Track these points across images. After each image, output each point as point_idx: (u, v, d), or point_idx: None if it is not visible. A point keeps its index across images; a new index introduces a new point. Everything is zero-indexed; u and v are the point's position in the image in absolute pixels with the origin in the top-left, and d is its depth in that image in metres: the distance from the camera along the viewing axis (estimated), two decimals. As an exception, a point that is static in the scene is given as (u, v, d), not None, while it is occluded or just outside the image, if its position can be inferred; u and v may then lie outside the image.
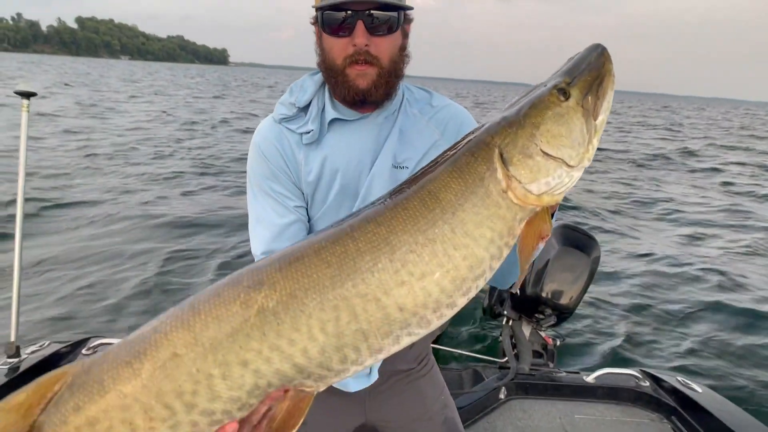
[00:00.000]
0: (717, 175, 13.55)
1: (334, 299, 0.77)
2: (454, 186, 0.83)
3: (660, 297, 5.11)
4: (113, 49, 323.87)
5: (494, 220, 0.83)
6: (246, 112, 22.34)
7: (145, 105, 22.79)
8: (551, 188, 0.84)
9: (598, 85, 0.88)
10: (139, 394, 0.72)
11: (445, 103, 1.33)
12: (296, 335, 0.76)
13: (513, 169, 0.83)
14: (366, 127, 1.24)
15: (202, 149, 12.26)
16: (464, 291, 0.82)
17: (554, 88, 0.87)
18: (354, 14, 1.11)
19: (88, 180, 8.53)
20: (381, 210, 0.84)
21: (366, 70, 1.15)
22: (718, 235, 7.53)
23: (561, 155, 0.84)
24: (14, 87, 2.19)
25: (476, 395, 2.28)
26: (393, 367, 1.36)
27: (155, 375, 0.73)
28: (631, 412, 2.30)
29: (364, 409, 1.36)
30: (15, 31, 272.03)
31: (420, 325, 0.81)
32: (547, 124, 0.85)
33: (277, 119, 1.24)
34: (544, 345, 2.66)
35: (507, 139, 0.85)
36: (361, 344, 0.79)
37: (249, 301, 0.76)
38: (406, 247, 0.79)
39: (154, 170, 9.62)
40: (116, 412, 0.72)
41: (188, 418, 0.74)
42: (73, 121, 14.47)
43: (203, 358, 0.73)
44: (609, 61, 0.91)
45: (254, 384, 0.75)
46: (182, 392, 0.73)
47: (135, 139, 12.70)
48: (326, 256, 0.79)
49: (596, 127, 0.88)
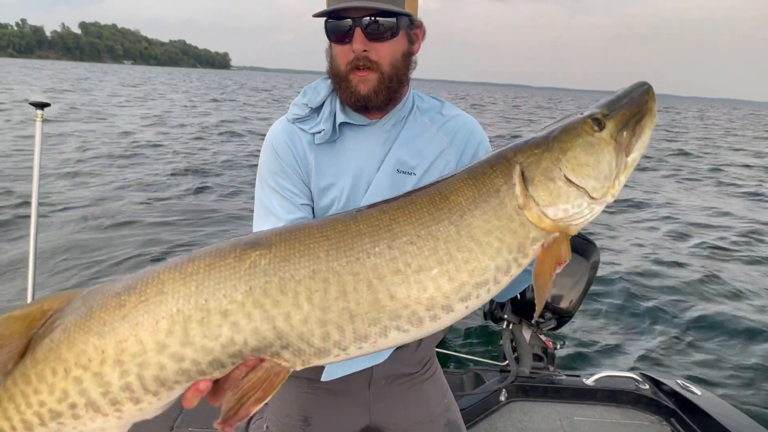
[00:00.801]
0: (716, 176, 13.53)
1: (326, 271, 0.77)
2: (466, 191, 0.83)
3: (659, 301, 5.11)
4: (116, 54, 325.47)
5: (504, 232, 0.81)
6: (242, 116, 22.23)
7: (137, 110, 22.71)
8: (569, 216, 0.83)
9: (636, 122, 0.86)
10: (117, 324, 0.73)
11: (456, 112, 1.35)
12: (282, 297, 0.75)
13: (532, 189, 0.82)
14: (374, 133, 1.26)
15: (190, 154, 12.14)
16: (462, 296, 0.81)
17: (590, 116, 0.86)
18: (352, 21, 1.14)
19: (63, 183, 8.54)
20: (389, 201, 0.86)
21: (367, 76, 1.17)
22: (722, 238, 7.52)
23: (584, 185, 0.83)
24: (12, 92, 2.27)
25: (477, 397, 2.30)
26: (397, 371, 1.38)
27: (137, 308, 0.73)
28: (631, 414, 2.31)
29: (368, 410, 1.38)
30: (19, 37, 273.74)
31: (410, 320, 0.80)
32: (576, 151, 0.84)
33: (291, 119, 1.27)
34: (544, 348, 2.67)
35: (531, 159, 0.84)
36: (347, 325, 0.77)
37: (243, 255, 0.77)
38: (406, 237, 0.79)
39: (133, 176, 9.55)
40: (94, 338, 0.73)
41: (157, 358, 0.73)
42: (62, 127, 14.38)
43: (186, 298, 0.74)
44: (653, 100, 0.89)
45: (230, 339, 0.74)
46: (157, 330, 0.73)
47: (113, 144, 12.62)
48: (327, 230, 0.80)
49: (627, 164, 0.86)
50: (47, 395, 0.74)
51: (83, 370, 0.73)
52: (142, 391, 0.74)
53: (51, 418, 0.75)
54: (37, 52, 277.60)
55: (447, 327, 0.89)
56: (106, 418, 0.75)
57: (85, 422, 0.75)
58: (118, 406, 0.74)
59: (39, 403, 0.74)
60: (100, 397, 0.73)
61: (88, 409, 0.74)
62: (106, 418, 0.75)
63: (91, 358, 0.73)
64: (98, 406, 0.74)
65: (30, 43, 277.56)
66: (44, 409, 0.74)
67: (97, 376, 0.73)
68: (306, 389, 1.37)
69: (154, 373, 0.73)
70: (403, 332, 0.80)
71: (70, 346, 0.74)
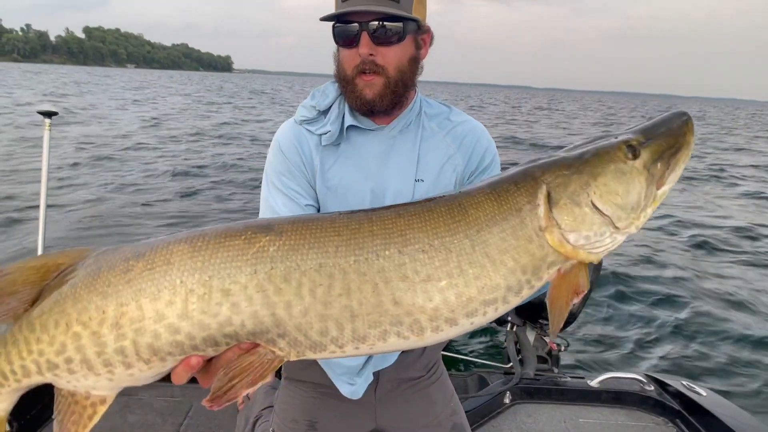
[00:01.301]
0: (720, 179, 13.48)
1: (332, 266, 0.76)
2: (487, 206, 0.81)
3: (663, 301, 5.10)
4: (120, 57, 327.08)
5: (521, 252, 0.79)
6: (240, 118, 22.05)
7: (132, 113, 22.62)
8: (589, 243, 0.80)
9: (672, 154, 0.83)
10: (121, 288, 0.74)
11: (463, 118, 1.35)
12: (285, 285, 0.75)
13: (556, 212, 0.80)
14: (382, 138, 1.27)
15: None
16: (468, 311, 0.79)
17: (624, 143, 0.83)
18: (359, 25, 1.15)
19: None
20: (407, 205, 0.85)
21: (373, 80, 1.18)
22: (726, 240, 7.50)
23: (610, 213, 0.80)
24: (13, 97, 2.33)
25: (481, 399, 2.30)
26: (402, 375, 1.39)
27: (142, 275, 0.74)
28: (636, 415, 2.31)
29: (374, 415, 1.38)
30: (24, 41, 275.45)
31: (412, 328, 0.78)
32: (606, 177, 0.81)
33: (298, 120, 1.28)
34: (548, 350, 2.67)
35: (559, 180, 0.81)
36: (346, 323, 0.77)
37: (253, 238, 0.77)
38: (419, 245, 0.78)
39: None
40: (97, 297, 0.75)
41: (153, 327, 0.74)
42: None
43: (191, 272, 0.74)
44: (691, 133, 0.85)
45: (228, 318, 0.74)
46: (158, 299, 0.74)
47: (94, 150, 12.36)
48: (339, 226, 0.80)
49: (656, 197, 0.83)
50: (47, 345, 0.75)
51: (83, 327, 0.74)
52: (135, 357, 0.74)
53: (48, 368, 0.76)
54: (41, 56, 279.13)
55: (449, 339, 0.88)
56: (98, 378, 0.76)
57: (78, 378, 0.76)
58: (110, 368, 0.75)
59: (39, 351, 0.76)
60: (95, 356, 0.74)
61: (83, 366, 0.75)
62: (97, 378, 0.76)
63: (92, 317, 0.74)
64: (92, 365, 0.75)
65: (34, 48, 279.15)
66: (42, 359, 0.76)
67: (95, 335, 0.74)
68: (312, 394, 1.38)
69: (149, 341, 0.74)
70: (402, 339, 0.79)
71: (74, 302, 0.75)
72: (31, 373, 0.77)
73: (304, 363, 1.34)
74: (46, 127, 2.35)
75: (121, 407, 2.18)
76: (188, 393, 2.30)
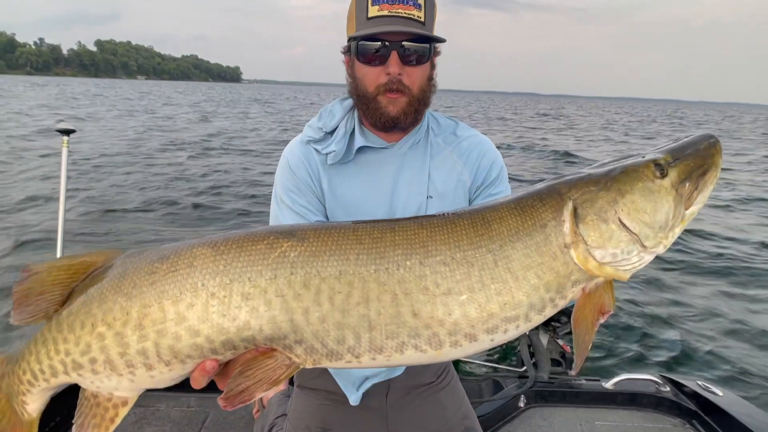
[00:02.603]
0: (726, 177, 13.36)
1: (352, 275, 0.76)
2: (511, 222, 0.80)
3: (676, 302, 5.05)
4: (130, 69, 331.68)
5: (545, 269, 0.78)
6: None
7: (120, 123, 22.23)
8: (616, 261, 0.79)
9: (701, 175, 0.82)
10: (145, 289, 0.76)
11: (470, 133, 1.37)
12: (304, 291, 0.75)
13: (582, 228, 0.79)
14: (390, 155, 1.29)
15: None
16: (489, 328, 0.77)
17: (653, 161, 0.83)
18: (389, 45, 1.16)
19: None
20: (430, 217, 0.84)
21: (397, 98, 1.20)
22: (736, 239, 7.43)
23: (638, 231, 0.79)
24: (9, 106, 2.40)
25: (496, 403, 2.29)
26: (414, 382, 1.41)
27: (165, 277, 0.76)
28: (653, 417, 2.29)
29: (386, 421, 1.40)
30: (37, 55, 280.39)
31: (430, 342, 0.77)
32: (634, 195, 0.80)
33: (305, 140, 1.30)
34: (562, 353, 2.66)
35: (586, 196, 0.80)
36: (364, 333, 0.76)
37: (275, 244, 0.78)
38: (440, 257, 0.77)
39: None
40: (122, 299, 0.76)
41: (174, 329, 0.75)
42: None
43: (212, 276, 0.75)
44: (719, 155, 0.85)
45: (246, 322, 0.75)
46: (179, 301, 0.75)
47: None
48: (361, 234, 0.80)
49: (684, 217, 0.82)
50: (73, 346, 0.77)
51: (107, 328, 0.76)
52: (156, 359, 0.76)
53: (73, 368, 0.78)
54: (54, 69, 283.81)
55: (467, 356, 0.86)
56: (120, 379, 0.78)
57: (101, 379, 0.78)
58: (132, 369, 0.77)
59: (65, 351, 0.78)
60: (118, 357, 0.76)
61: (106, 366, 0.77)
62: (120, 379, 0.78)
63: (116, 318, 0.76)
64: (115, 366, 0.77)
65: (47, 61, 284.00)
66: (69, 359, 0.78)
67: (119, 335, 0.76)
68: (325, 401, 1.40)
69: (170, 343, 0.75)
70: (420, 352, 0.78)
71: (100, 303, 0.77)
72: (58, 373, 0.79)
73: (316, 371, 1.38)
74: (65, 144, 2.45)
75: (138, 419, 2.20)
76: (204, 403, 2.33)
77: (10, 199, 8.05)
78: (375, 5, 1.15)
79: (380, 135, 1.29)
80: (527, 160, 14.75)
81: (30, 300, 0.79)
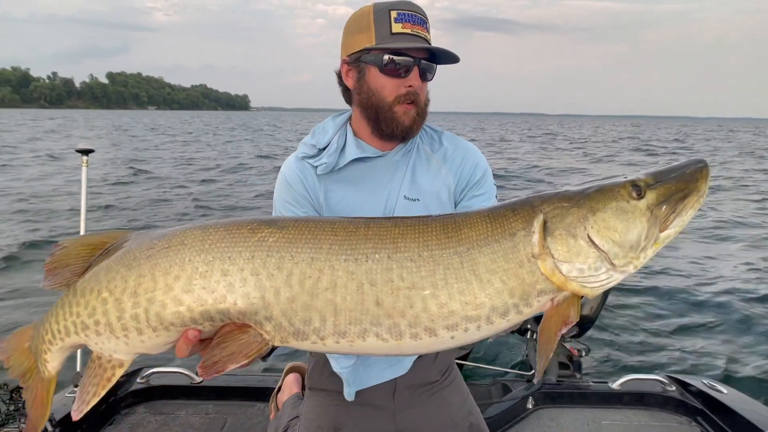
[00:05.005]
0: (736, 185, 13.33)
1: (323, 262, 0.82)
2: (481, 228, 0.84)
3: (680, 301, 5.09)
4: (141, 100, 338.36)
5: (510, 275, 0.81)
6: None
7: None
8: (583, 276, 0.81)
9: (680, 199, 0.83)
10: (142, 262, 0.86)
11: (454, 140, 1.49)
12: (277, 272, 0.82)
13: (550, 241, 0.81)
14: (383, 164, 1.39)
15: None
16: (449, 324, 0.81)
17: (631, 182, 0.84)
18: (413, 60, 1.27)
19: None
20: (405, 218, 0.90)
21: (411, 110, 1.31)
22: (739, 239, 7.44)
23: (607, 249, 0.81)
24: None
25: (505, 405, 2.33)
26: (419, 380, 1.47)
27: (160, 252, 0.86)
28: (659, 416, 2.32)
29: (394, 419, 1.46)
30: (51, 88, 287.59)
31: (391, 331, 0.81)
32: (606, 213, 0.82)
33: (300, 157, 1.40)
34: (569, 356, 2.70)
35: (557, 211, 0.83)
36: (329, 316, 0.82)
37: (256, 229, 0.86)
38: (408, 254, 0.82)
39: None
40: (123, 269, 0.86)
41: (162, 297, 0.83)
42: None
43: (198, 253, 0.84)
44: (703, 181, 0.84)
45: (223, 296, 0.82)
46: (168, 273, 0.84)
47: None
48: (337, 228, 0.87)
49: (658, 239, 0.83)
50: (83, 309, 0.88)
51: (109, 294, 0.86)
52: (146, 324, 0.85)
53: (81, 329, 0.89)
54: (66, 102, 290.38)
55: (431, 352, 0.92)
56: (117, 341, 0.88)
57: (103, 341, 0.89)
58: (126, 332, 0.86)
59: (77, 314, 0.89)
60: (116, 320, 0.86)
61: (106, 329, 0.87)
62: (117, 341, 0.88)
63: (117, 285, 0.86)
64: (113, 328, 0.86)
65: (60, 95, 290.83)
66: (79, 320, 0.89)
67: (117, 301, 0.85)
68: (335, 401, 1.46)
69: (157, 310, 0.84)
70: (381, 340, 0.82)
71: (106, 273, 0.88)
72: (70, 333, 0.91)
73: (326, 372, 1.46)
74: (84, 164, 2.61)
75: (160, 425, 2.28)
76: (222, 410, 2.40)
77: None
78: (399, 23, 1.26)
79: (375, 144, 1.38)
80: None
81: (58, 270, 0.91)
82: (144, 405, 2.41)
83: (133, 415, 2.34)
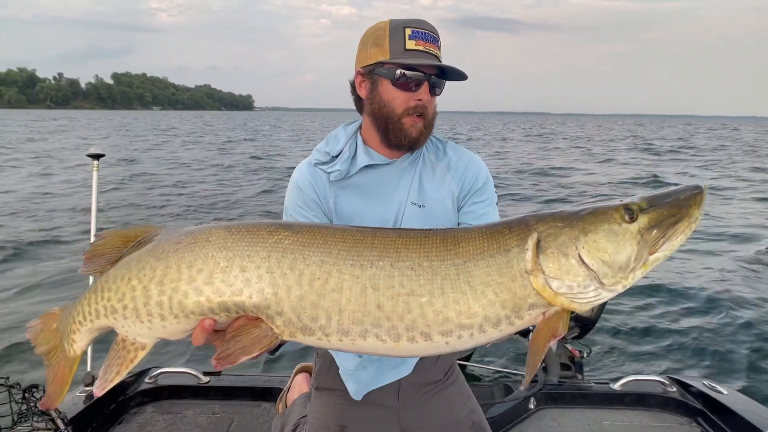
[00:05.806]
0: (735, 186, 13.28)
1: (332, 265, 0.89)
2: (478, 242, 0.90)
3: (681, 302, 5.10)
4: (146, 100, 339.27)
5: (503, 288, 0.86)
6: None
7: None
8: (572, 293, 0.85)
9: (672, 224, 0.86)
10: (170, 254, 0.92)
11: (458, 150, 1.54)
12: (289, 272, 0.89)
13: (543, 258, 0.86)
14: (391, 171, 1.45)
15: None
16: (444, 330, 0.87)
17: (624, 206, 0.88)
18: (424, 75, 1.34)
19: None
20: (408, 230, 0.97)
21: (418, 122, 1.37)
22: (740, 238, 7.43)
23: (596, 269, 0.85)
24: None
25: (507, 405, 2.36)
26: (422, 380, 1.52)
27: (186, 247, 0.92)
28: (660, 417, 2.35)
29: (398, 417, 1.51)
30: (57, 89, 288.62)
31: (389, 333, 0.87)
32: (597, 235, 0.86)
33: (313, 163, 1.46)
34: (571, 357, 2.73)
35: (550, 230, 0.88)
36: (334, 315, 0.88)
37: (274, 232, 0.93)
38: (409, 263, 0.88)
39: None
40: (152, 260, 0.93)
41: (185, 287, 0.90)
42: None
43: (220, 250, 0.91)
44: (696, 207, 0.87)
45: (239, 289, 0.89)
46: (192, 265, 0.91)
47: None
48: (346, 236, 0.93)
49: (647, 262, 0.87)
50: (113, 294, 0.95)
51: (138, 281, 0.93)
52: (168, 311, 0.91)
53: (110, 312, 0.96)
54: (72, 102, 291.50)
55: (427, 355, 0.97)
56: (141, 326, 0.94)
57: (128, 324, 0.95)
58: (150, 318, 0.93)
59: (107, 298, 0.96)
60: (142, 306, 0.92)
61: (133, 313, 0.94)
62: (141, 326, 0.94)
63: (146, 274, 0.93)
64: (139, 313, 0.93)
65: (66, 95, 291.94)
66: (109, 304, 0.96)
67: (145, 288, 0.92)
68: (341, 401, 1.51)
69: (179, 299, 0.90)
70: (380, 341, 0.88)
71: (137, 262, 0.95)
72: (100, 316, 0.98)
73: (333, 372, 1.51)
74: (95, 168, 2.66)
75: (168, 425, 2.32)
76: (229, 410, 2.44)
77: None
78: (412, 40, 1.32)
79: (384, 153, 1.44)
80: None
81: (96, 258, 1.00)
82: (152, 404, 2.45)
83: (142, 415, 2.39)
